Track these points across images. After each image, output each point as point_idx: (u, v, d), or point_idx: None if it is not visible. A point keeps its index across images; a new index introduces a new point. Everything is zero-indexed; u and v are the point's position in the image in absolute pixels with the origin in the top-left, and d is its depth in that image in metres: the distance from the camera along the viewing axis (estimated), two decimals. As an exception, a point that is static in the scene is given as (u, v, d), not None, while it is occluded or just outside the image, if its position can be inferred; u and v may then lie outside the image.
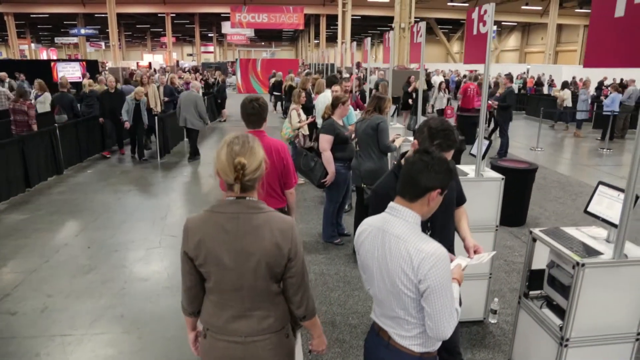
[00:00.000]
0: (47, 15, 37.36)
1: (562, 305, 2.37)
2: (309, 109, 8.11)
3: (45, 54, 46.49)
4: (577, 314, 2.27)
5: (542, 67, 28.19)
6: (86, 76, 14.93)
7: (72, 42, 45.46)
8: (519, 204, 5.96)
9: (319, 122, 6.15)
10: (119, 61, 33.36)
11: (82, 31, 38.25)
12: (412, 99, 12.07)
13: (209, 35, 50.31)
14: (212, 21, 43.18)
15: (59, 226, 5.90)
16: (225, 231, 1.69)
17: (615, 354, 2.42)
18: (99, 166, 9.07)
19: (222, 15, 35.50)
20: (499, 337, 3.56)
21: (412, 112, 12.38)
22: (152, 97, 9.97)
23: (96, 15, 36.50)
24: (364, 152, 4.63)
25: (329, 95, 6.86)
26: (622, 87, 12.70)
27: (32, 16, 38.45)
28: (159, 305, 4.03)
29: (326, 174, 4.84)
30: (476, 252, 2.20)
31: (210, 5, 35.59)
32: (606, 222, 2.44)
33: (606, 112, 11.93)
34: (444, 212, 2.01)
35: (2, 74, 14.01)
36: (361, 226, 1.84)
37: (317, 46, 40.07)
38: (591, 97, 14.82)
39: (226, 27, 34.87)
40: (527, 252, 2.65)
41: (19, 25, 40.08)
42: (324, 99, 6.97)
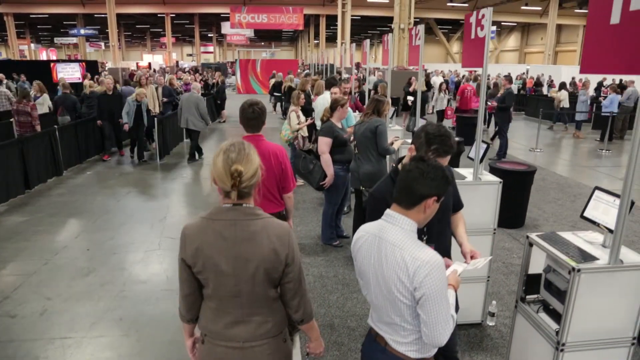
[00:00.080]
0: (47, 15, 37.39)
1: (559, 309, 2.39)
2: (308, 110, 8.11)
3: (44, 54, 46.49)
4: (573, 319, 2.28)
5: (542, 68, 28.20)
6: (87, 77, 14.89)
7: (71, 43, 45.52)
8: (517, 205, 5.97)
9: (318, 124, 6.16)
10: (119, 61, 33.36)
11: (82, 31, 38.33)
12: (413, 99, 12.08)
13: (209, 35, 50.30)
14: (211, 21, 43.20)
15: (58, 228, 5.90)
16: (223, 238, 1.70)
17: (611, 358, 2.43)
18: (98, 168, 9.08)
19: (221, 15, 35.52)
20: (496, 340, 3.57)
21: (411, 113, 12.39)
22: (151, 98, 10.00)
23: (96, 15, 36.53)
24: (362, 154, 4.64)
25: (327, 97, 6.86)
26: (621, 88, 12.70)
27: (31, 16, 38.48)
28: (158, 307, 4.04)
29: (325, 177, 4.85)
30: (473, 257, 2.22)
31: (209, 5, 35.62)
32: (602, 228, 2.45)
33: (605, 113, 11.95)
34: (441, 219, 2.02)
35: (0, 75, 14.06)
36: (358, 232, 1.86)
37: (317, 46, 40.08)
38: (590, 97, 14.83)
39: (226, 28, 34.87)
40: (524, 257, 2.67)
41: (19, 25, 40.10)
42: (322, 101, 6.98)
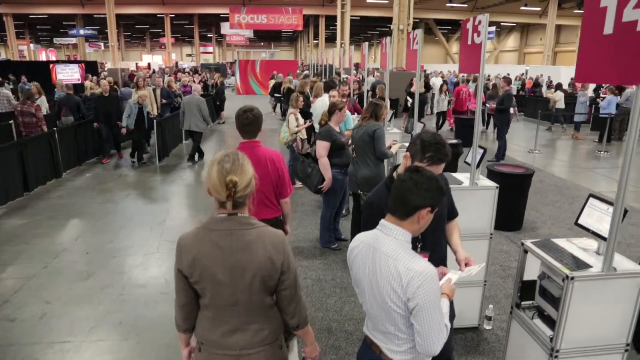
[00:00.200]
0: (46, 15, 37.38)
1: (553, 316, 2.41)
2: (307, 113, 8.13)
3: (44, 55, 46.47)
4: (566, 326, 2.31)
5: (541, 68, 28.23)
6: (88, 78, 14.89)
7: (71, 43, 45.53)
8: (515, 208, 5.99)
9: (317, 126, 6.18)
10: (118, 62, 33.36)
11: (81, 32, 38.34)
12: (412, 101, 12.11)
13: (208, 35, 50.30)
14: (211, 22, 43.20)
15: (57, 231, 5.92)
16: (219, 248, 1.72)
17: (605, 364, 2.46)
18: (97, 170, 9.09)
19: (221, 15, 35.53)
20: (493, 344, 3.59)
21: (409, 114, 12.42)
22: (148, 100, 10.00)
23: (95, 15, 36.51)
24: (360, 158, 4.66)
25: (326, 100, 6.89)
26: (619, 89, 12.71)
27: (31, 17, 38.46)
28: (157, 311, 4.06)
29: (323, 180, 4.88)
30: (467, 265, 2.23)
31: (209, 6, 35.62)
32: (596, 235, 2.47)
33: (603, 115, 11.97)
34: (435, 228, 2.04)
35: None
36: (353, 242, 1.88)
37: (317, 46, 40.09)
38: (589, 99, 14.84)
39: (225, 28, 34.87)
40: (519, 264, 2.69)
41: (18, 25, 40.07)
42: (321, 104, 7.00)
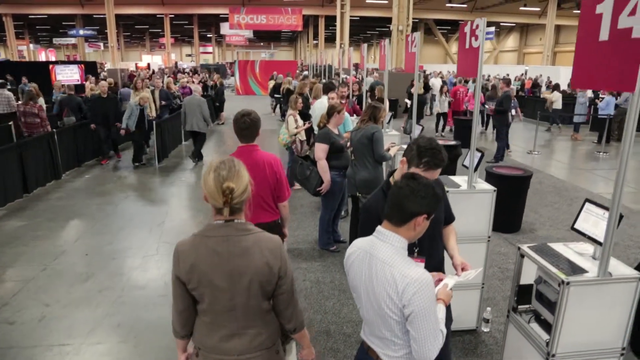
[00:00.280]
0: (46, 16, 37.38)
1: (549, 320, 2.42)
2: (306, 114, 8.14)
3: (43, 55, 46.46)
4: (563, 330, 2.32)
5: (541, 69, 28.25)
6: (89, 79, 14.88)
7: (70, 43, 45.51)
8: (514, 210, 6.00)
9: (316, 128, 6.19)
10: (118, 62, 33.38)
11: (81, 32, 38.34)
12: (411, 102, 12.13)
13: (208, 36, 50.30)
14: (210, 22, 43.20)
15: (57, 233, 5.93)
16: (216, 254, 1.74)
17: (601, 368, 2.47)
18: (96, 171, 9.10)
19: (220, 16, 35.53)
20: (491, 346, 3.60)
21: (409, 115, 12.44)
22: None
23: (95, 16, 36.51)
24: (359, 161, 4.67)
25: (325, 102, 6.90)
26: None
27: (30, 17, 38.45)
28: (156, 313, 4.07)
29: (322, 183, 4.89)
30: (464, 270, 2.25)
31: (208, 6, 35.63)
32: (592, 240, 2.48)
33: (602, 116, 11.99)
34: (432, 234, 2.05)
35: None
36: (351, 248, 1.89)
37: (316, 47, 40.09)
38: (589, 99, 14.86)
39: (225, 28, 34.87)
40: (516, 268, 2.70)
41: (18, 26, 40.06)
42: (320, 105, 7.01)
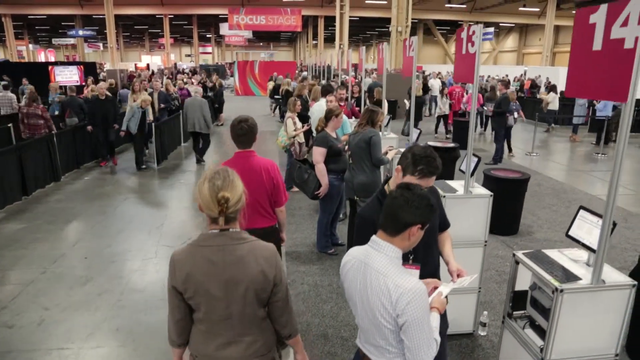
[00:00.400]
0: (45, 16, 37.40)
1: (544, 326, 2.45)
2: (305, 116, 8.16)
3: (43, 55, 46.45)
4: (556, 336, 2.34)
5: (540, 69, 28.27)
6: (90, 80, 14.86)
7: (69, 43, 45.50)
8: (511, 213, 6.01)
9: (315, 131, 6.21)
10: (117, 62, 33.39)
11: (80, 32, 38.34)
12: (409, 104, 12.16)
13: (207, 36, 50.32)
14: (210, 22, 43.22)
15: (56, 236, 5.94)
16: (212, 263, 1.76)
17: (595, 374, 2.49)
18: (95, 173, 9.12)
19: (220, 16, 35.55)
20: (488, 350, 3.63)
21: (407, 117, 12.47)
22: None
23: (94, 16, 36.54)
24: (356, 165, 4.69)
25: (323, 104, 6.92)
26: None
27: (30, 17, 38.47)
28: (154, 317, 4.08)
29: (319, 186, 4.91)
30: (459, 276, 2.27)
31: (208, 6, 35.65)
32: (586, 247, 2.50)
33: (600, 117, 12.01)
34: (427, 241, 2.07)
35: None
36: (346, 257, 1.91)
37: (316, 47, 40.11)
38: (588, 100, 14.87)
39: (224, 29, 34.87)
40: (511, 275, 2.73)
41: (17, 26, 40.06)
42: (319, 108, 7.03)
